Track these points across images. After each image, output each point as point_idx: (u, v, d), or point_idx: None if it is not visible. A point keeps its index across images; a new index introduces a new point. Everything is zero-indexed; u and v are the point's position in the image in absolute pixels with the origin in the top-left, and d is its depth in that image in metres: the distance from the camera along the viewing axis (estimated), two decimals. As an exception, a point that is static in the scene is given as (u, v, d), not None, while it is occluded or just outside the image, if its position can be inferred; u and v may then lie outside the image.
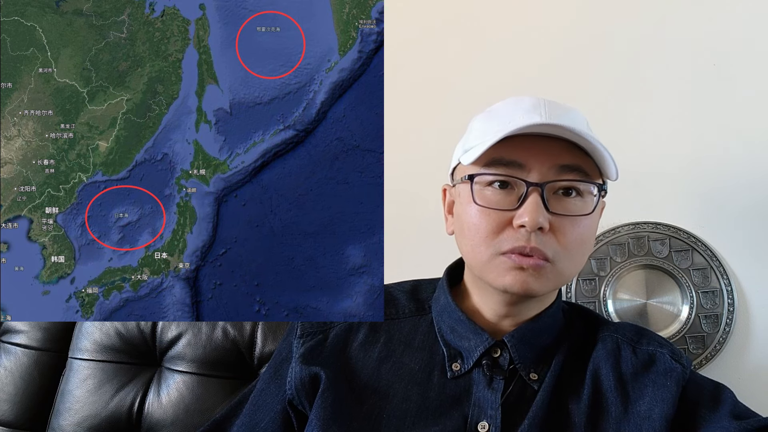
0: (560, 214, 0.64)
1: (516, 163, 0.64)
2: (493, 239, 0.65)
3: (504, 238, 0.64)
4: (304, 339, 0.73)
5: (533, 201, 0.63)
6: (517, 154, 0.64)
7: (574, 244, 0.65)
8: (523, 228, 0.63)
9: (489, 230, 0.65)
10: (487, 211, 0.65)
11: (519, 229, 0.63)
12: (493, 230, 0.65)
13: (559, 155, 0.64)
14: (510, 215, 0.64)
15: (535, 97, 0.68)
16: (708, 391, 0.69)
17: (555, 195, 0.65)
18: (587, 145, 0.64)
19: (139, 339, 1.08)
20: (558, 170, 0.64)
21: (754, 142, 1.06)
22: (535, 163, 0.64)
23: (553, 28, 1.14)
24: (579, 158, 0.65)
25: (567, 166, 0.65)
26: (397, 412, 0.66)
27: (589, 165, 0.66)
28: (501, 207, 0.65)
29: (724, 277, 1.04)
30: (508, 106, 0.69)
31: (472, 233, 0.66)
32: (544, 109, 0.66)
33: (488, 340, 0.69)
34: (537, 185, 0.63)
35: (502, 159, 0.65)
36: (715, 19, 1.09)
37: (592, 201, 0.66)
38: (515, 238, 0.63)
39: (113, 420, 1.04)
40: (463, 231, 0.68)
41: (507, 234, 0.64)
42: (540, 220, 0.62)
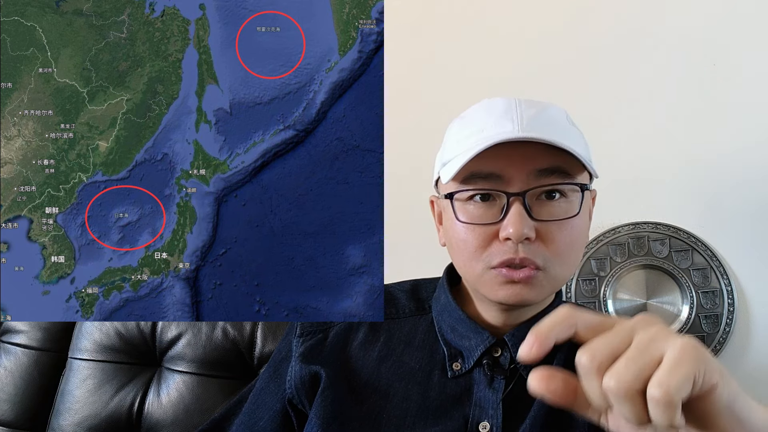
0: (545, 220, 0.63)
1: (494, 175, 0.63)
2: (482, 254, 0.64)
3: (493, 252, 0.63)
4: (303, 338, 0.73)
5: (516, 212, 0.61)
6: (494, 165, 0.62)
7: (564, 248, 0.64)
8: (509, 240, 0.62)
9: (476, 245, 0.64)
10: (471, 226, 0.64)
11: (506, 241, 0.62)
12: (480, 245, 0.64)
13: (536, 159, 0.62)
14: (495, 228, 0.63)
15: (507, 99, 0.66)
16: None
17: (538, 200, 0.63)
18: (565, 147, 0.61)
19: (139, 339, 1.08)
20: (537, 175, 0.62)
21: (754, 142, 1.06)
22: (514, 172, 0.62)
23: (552, 28, 1.14)
24: (558, 158, 0.62)
25: (546, 170, 0.62)
26: (397, 412, 0.66)
27: (570, 163, 0.63)
28: (484, 221, 0.63)
29: (724, 277, 1.04)
30: (479, 112, 0.67)
31: (461, 249, 0.65)
32: (516, 113, 0.63)
33: (489, 339, 0.68)
34: (518, 195, 0.62)
35: (479, 173, 0.63)
36: (715, 19, 1.09)
37: (577, 200, 0.64)
38: (503, 251, 0.62)
39: (113, 420, 1.04)
40: (452, 246, 0.68)
41: (495, 247, 0.63)
42: (525, 231, 0.60)
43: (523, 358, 0.38)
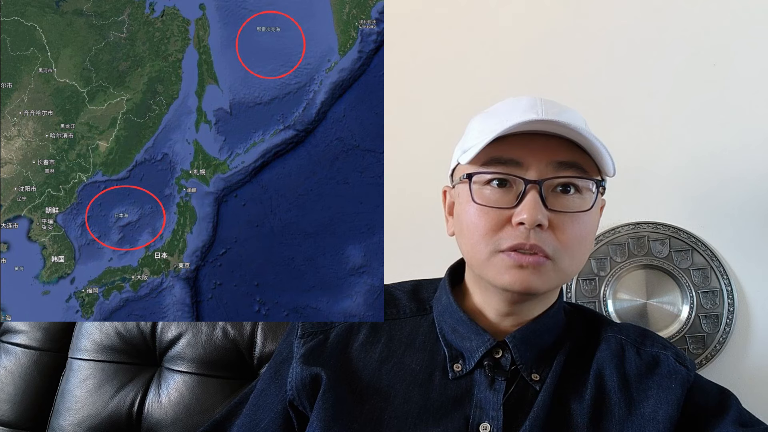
0: (559, 211, 0.64)
1: (514, 161, 0.64)
2: (492, 237, 0.65)
3: (503, 236, 0.64)
4: (304, 339, 0.73)
5: (532, 198, 0.63)
6: (515, 152, 0.64)
7: (573, 241, 0.65)
8: (522, 225, 0.63)
9: (488, 228, 0.65)
10: (485, 209, 0.65)
11: (518, 226, 0.63)
12: (492, 228, 0.65)
13: (556, 152, 0.65)
14: (509, 213, 0.64)
15: (532, 96, 0.68)
16: (713, 396, 0.69)
17: (553, 192, 0.65)
18: (584, 142, 0.64)
19: (139, 339, 1.08)
20: (555, 167, 0.64)
21: (754, 142, 1.06)
22: (533, 161, 0.64)
23: (553, 29, 1.14)
24: (576, 155, 0.65)
25: (565, 163, 0.65)
26: (398, 413, 0.66)
27: (587, 162, 0.66)
28: (500, 205, 0.65)
29: (724, 277, 1.04)
30: (505, 106, 0.69)
31: (471, 231, 0.66)
32: (541, 107, 0.66)
33: (490, 340, 0.68)
34: (535, 182, 0.63)
35: (500, 158, 0.65)
36: (715, 18, 1.09)
37: (590, 197, 0.66)
38: (514, 235, 0.63)
39: (113, 420, 1.04)
40: (462, 230, 0.68)
41: (506, 232, 0.64)
42: (539, 217, 0.62)
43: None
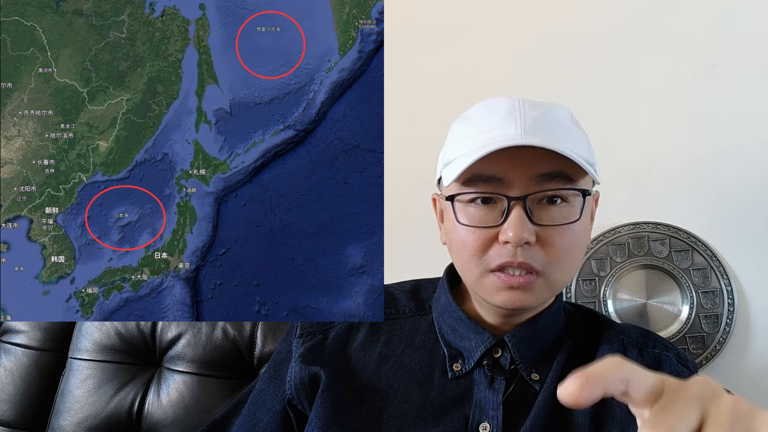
0: (546, 225, 0.62)
1: (495, 178, 0.62)
2: (480, 257, 0.64)
3: (492, 255, 0.63)
4: (303, 339, 0.73)
5: (516, 215, 0.61)
6: (495, 168, 0.62)
7: (563, 253, 0.63)
8: (508, 243, 0.61)
9: (476, 248, 0.64)
10: (471, 229, 0.64)
11: (505, 244, 0.62)
12: (479, 248, 0.64)
13: (538, 164, 0.61)
14: (495, 231, 0.63)
15: (510, 99, 0.65)
16: None
17: (539, 204, 0.63)
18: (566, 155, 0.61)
19: (139, 339, 1.08)
20: (539, 180, 0.62)
21: (754, 142, 1.06)
22: (515, 176, 0.62)
23: (553, 28, 1.14)
24: (561, 163, 0.61)
25: (548, 174, 0.62)
26: (397, 413, 0.66)
27: (573, 168, 0.62)
28: (485, 224, 0.63)
29: (724, 277, 1.04)
30: (482, 112, 0.66)
31: (461, 250, 0.65)
32: (520, 114, 0.63)
33: (489, 339, 0.68)
34: (519, 199, 0.61)
35: (481, 175, 0.63)
36: (715, 19, 1.09)
37: (578, 205, 0.64)
38: (502, 254, 0.62)
39: (113, 420, 1.04)
40: (452, 247, 0.68)
41: (494, 250, 0.63)
42: (525, 235, 0.60)
43: (566, 400, 0.33)
